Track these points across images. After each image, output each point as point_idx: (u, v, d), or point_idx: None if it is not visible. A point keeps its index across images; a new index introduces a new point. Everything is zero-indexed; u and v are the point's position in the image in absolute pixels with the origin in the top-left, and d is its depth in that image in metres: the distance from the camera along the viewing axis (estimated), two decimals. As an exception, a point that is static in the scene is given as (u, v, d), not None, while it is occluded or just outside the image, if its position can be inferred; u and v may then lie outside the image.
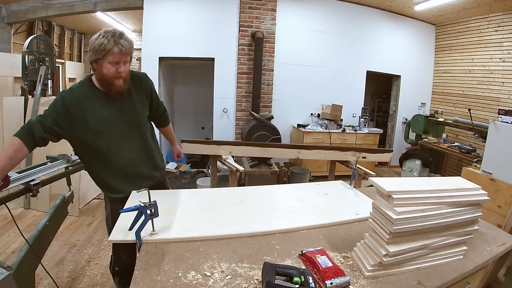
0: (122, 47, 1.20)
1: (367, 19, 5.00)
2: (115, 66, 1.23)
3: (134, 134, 1.40)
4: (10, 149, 1.18)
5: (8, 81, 4.59)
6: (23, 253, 1.18)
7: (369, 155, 2.95)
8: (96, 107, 1.29)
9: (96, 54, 1.21)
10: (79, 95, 1.28)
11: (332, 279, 0.81)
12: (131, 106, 1.38)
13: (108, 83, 1.26)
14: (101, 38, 1.19)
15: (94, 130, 1.28)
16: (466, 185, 0.97)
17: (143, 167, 1.46)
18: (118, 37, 1.20)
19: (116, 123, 1.33)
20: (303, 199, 1.44)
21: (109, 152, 1.33)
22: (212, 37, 4.46)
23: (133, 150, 1.40)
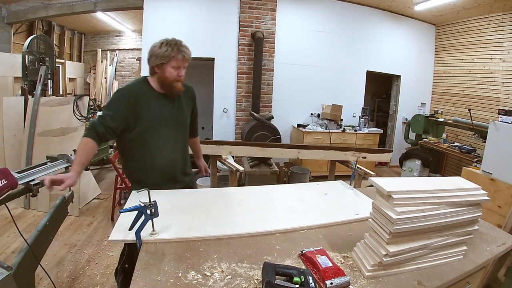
0: (185, 54, 1.40)
1: (367, 19, 4.99)
2: (177, 71, 1.40)
3: (179, 136, 1.54)
4: (87, 147, 1.32)
5: (8, 81, 4.60)
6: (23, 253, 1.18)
7: (369, 155, 2.95)
8: (151, 105, 1.43)
9: (161, 59, 1.38)
10: (136, 91, 1.43)
11: (332, 279, 0.81)
12: (180, 110, 1.53)
13: (169, 85, 1.42)
14: (164, 46, 1.39)
15: (146, 125, 1.41)
16: (466, 185, 0.97)
17: (180, 170, 1.58)
18: (180, 46, 1.40)
19: (166, 122, 1.46)
20: (303, 199, 1.44)
21: (156, 149, 1.45)
22: (212, 37, 4.46)
23: (176, 151, 1.53)
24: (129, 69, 7.22)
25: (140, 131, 1.41)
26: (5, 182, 1.10)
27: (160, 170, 1.49)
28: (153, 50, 1.41)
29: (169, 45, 1.38)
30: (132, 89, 1.44)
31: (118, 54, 7.15)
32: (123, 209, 1.02)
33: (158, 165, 1.48)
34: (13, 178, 1.12)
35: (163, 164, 1.49)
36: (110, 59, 7.12)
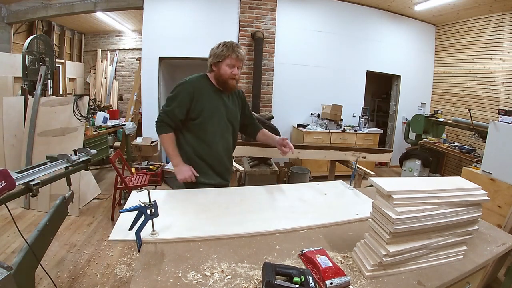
0: (239, 55, 1.52)
1: (367, 19, 4.99)
2: (231, 69, 1.53)
3: (230, 129, 1.67)
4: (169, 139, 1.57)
5: (8, 81, 4.60)
6: (23, 253, 1.18)
7: (369, 155, 2.95)
8: (211, 96, 1.58)
9: (217, 58, 1.54)
10: (201, 82, 1.60)
11: (332, 279, 0.81)
12: (233, 106, 1.68)
13: (224, 81, 1.56)
14: (221, 46, 1.54)
15: (207, 114, 1.55)
16: (466, 185, 0.97)
17: (230, 160, 1.72)
18: (235, 47, 1.52)
19: (223, 114, 1.60)
20: (303, 199, 1.44)
21: (214, 137, 1.59)
22: (212, 37, 4.46)
23: (228, 143, 1.67)
24: (129, 69, 7.21)
25: (200, 122, 1.56)
26: (4, 184, 1.10)
27: (217, 159, 1.62)
28: (212, 50, 1.58)
29: (225, 45, 1.53)
30: (194, 83, 1.59)
31: (118, 54, 7.15)
32: (123, 209, 1.02)
33: (215, 154, 1.61)
34: (12, 179, 1.12)
35: (220, 153, 1.62)
36: (110, 59, 7.12)
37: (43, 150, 3.11)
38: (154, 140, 4.66)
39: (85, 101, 3.40)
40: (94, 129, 3.90)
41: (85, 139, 3.42)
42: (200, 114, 1.55)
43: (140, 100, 4.89)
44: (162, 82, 4.79)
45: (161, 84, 4.72)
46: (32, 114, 3.25)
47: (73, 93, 6.30)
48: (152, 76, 4.54)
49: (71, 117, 3.26)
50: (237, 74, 1.56)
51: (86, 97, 3.45)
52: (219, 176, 1.66)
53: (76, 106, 3.30)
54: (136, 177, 3.29)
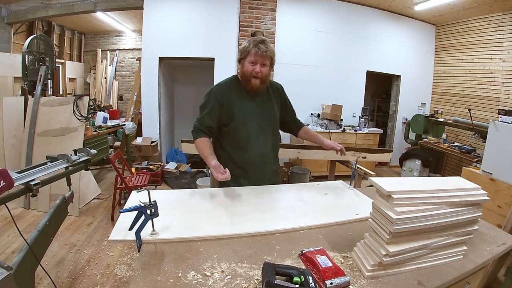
0: (258, 50, 1.40)
1: (367, 19, 4.99)
2: (253, 66, 1.43)
3: (269, 131, 1.60)
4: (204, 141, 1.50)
5: (8, 81, 4.60)
6: (23, 253, 1.18)
7: (369, 155, 2.95)
8: (242, 100, 1.52)
9: (241, 54, 1.47)
10: (227, 88, 1.54)
11: (332, 279, 0.81)
12: (270, 106, 1.59)
13: (246, 79, 1.48)
14: (246, 42, 1.46)
15: (238, 118, 1.50)
16: (466, 185, 0.97)
17: (269, 166, 1.64)
18: (258, 42, 1.42)
19: (256, 117, 1.54)
20: (303, 199, 1.44)
21: (248, 141, 1.53)
22: (212, 37, 4.46)
23: (266, 145, 1.59)
24: (129, 69, 7.21)
25: (232, 127, 1.52)
26: (3, 183, 1.10)
27: (251, 164, 1.57)
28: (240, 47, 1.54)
29: (249, 41, 1.44)
30: (222, 88, 1.54)
31: (118, 54, 7.15)
32: (123, 209, 1.02)
33: (249, 158, 1.56)
34: (11, 179, 1.12)
35: (254, 157, 1.56)
36: (110, 59, 7.12)
37: (43, 150, 3.11)
38: (154, 140, 4.66)
39: (85, 101, 3.40)
40: (94, 129, 3.90)
41: (85, 139, 3.42)
42: (232, 119, 1.50)
43: (140, 100, 4.89)
44: (162, 82, 4.79)
45: (161, 84, 4.72)
46: (32, 114, 3.25)
47: (73, 93, 6.31)
48: (152, 76, 4.54)
49: (71, 117, 3.26)
50: (259, 71, 1.44)
51: (86, 97, 3.45)
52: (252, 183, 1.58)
53: (76, 106, 3.30)
54: (136, 177, 3.30)
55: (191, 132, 1.56)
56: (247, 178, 1.58)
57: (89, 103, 3.49)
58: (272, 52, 1.46)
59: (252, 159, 1.56)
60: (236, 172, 1.56)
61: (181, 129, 6.22)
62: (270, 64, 1.48)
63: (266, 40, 1.45)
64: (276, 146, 1.68)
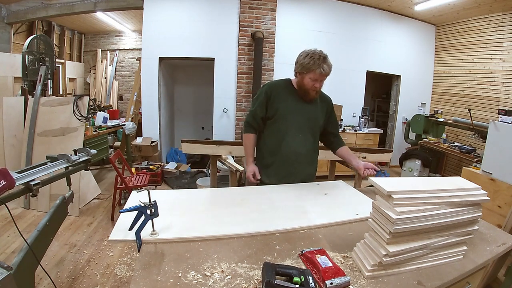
0: (323, 70, 1.50)
1: (367, 19, 4.99)
2: (313, 82, 1.55)
3: (308, 131, 1.67)
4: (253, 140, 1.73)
5: (8, 81, 4.60)
6: (23, 253, 1.18)
7: (369, 155, 2.95)
8: (288, 98, 1.64)
9: (302, 69, 1.55)
10: (279, 85, 1.68)
11: (332, 279, 0.81)
12: (314, 110, 1.68)
13: (305, 92, 1.60)
14: (308, 58, 1.52)
15: (280, 113, 1.62)
16: (466, 185, 0.97)
17: (302, 167, 1.69)
18: (322, 61, 1.50)
19: (298, 115, 1.63)
20: (303, 199, 1.44)
21: (286, 136, 1.62)
22: (212, 37, 4.46)
23: (303, 144, 1.65)
24: (129, 69, 7.21)
25: (274, 120, 1.63)
26: (4, 183, 1.10)
27: (284, 160, 1.64)
28: (299, 57, 1.58)
29: (312, 58, 1.50)
30: (274, 84, 1.69)
31: (118, 54, 7.15)
32: (123, 209, 1.02)
33: (282, 154, 1.63)
34: (12, 178, 1.12)
35: (287, 154, 1.63)
36: (110, 59, 7.12)
37: (43, 150, 3.10)
38: (154, 140, 4.66)
39: (85, 101, 3.40)
40: (94, 129, 3.90)
41: (85, 139, 3.42)
42: (276, 112, 1.62)
43: (140, 100, 4.89)
44: (162, 82, 4.79)
45: (161, 84, 4.72)
46: (32, 114, 3.25)
47: (73, 93, 6.31)
48: (152, 76, 4.54)
49: (71, 117, 3.26)
50: (318, 87, 1.57)
51: (86, 97, 3.45)
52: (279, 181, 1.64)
53: (76, 106, 3.30)
54: (136, 177, 3.30)
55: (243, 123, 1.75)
56: (277, 172, 1.65)
57: (89, 103, 3.49)
58: (331, 68, 1.55)
59: (286, 154, 1.63)
60: (268, 164, 1.69)
61: (181, 129, 6.22)
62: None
63: (327, 57, 1.53)
64: (313, 150, 1.74)
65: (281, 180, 1.65)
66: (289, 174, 1.66)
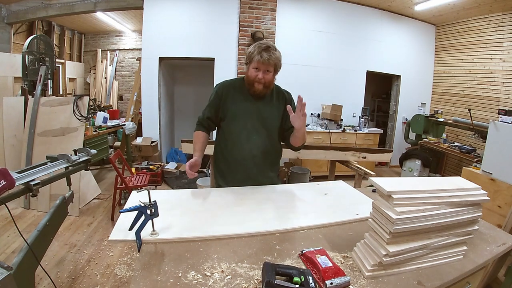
0: (261, 58, 1.43)
1: (367, 19, 5.00)
2: (257, 72, 1.47)
3: (264, 132, 1.57)
4: (198, 136, 1.61)
5: (8, 81, 4.60)
6: (23, 253, 1.18)
7: (369, 155, 2.95)
8: (239, 98, 1.56)
9: (246, 59, 1.51)
10: (232, 84, 1.60)
11: (332, 279, 0.81)
12: (269, 109, 1.59)
13: (250, 84, 1.52)
14: (252, 47, 1.48)
15: (232, 113, 1.55)
16: (466, 185, 0.97)
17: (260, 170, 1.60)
18: (262, 50, 1.43)
19: (251, 116, 1.55)
20: (303, 199, 1.44)
21: (239, 139, 1.55)
22: (212, 37, 4.46)
23: (258, 146, 1.56)
24: (129, 69, 7.22)
25: (226, 122, 1.58)
26: (4, 183, 1.10)
27: (240, 163, 1.57)
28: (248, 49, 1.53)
29: (255, 47, 1.47)
30: (227, 83, 1.62)
31: (118, 54, 7.15)
32: (123, 209, 1.02)
33: (239, 156, 1.56)
34: (12, 178, 1.12)
35: (244, 156, 1.55)
36: (110, 59, 7.12)
37: (43, 150, 3.11)
38: (154, 140, 4.66)
39: (85, 101, 3.40)
40: (94, 129, 3.90)
41: (85, 139, 3.43)
42: (226, 114, 1.57)
43: (140, 100, 4.89)
44: (162, 82, 4.79)
45: (161, 84, 4.72)
46: (32, 114, 3.25)
47: (73, 93, 6.31)
48: (152, 76, 4.54)
49: (71, 117, 3.26)
50: (262, 78, 1.47)
51: (86, 97, 3.45)
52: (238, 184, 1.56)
53: (76, 106, 3.30)
54: (136, 177, 3.30)
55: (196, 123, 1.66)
56: (234, 177, 1.59)
57: (89, 103, 3.49)
58: (276, 59, 1.47)
59: (241, 158, 1.55)
60: (223, 168, 1.64)
61: (181, 129, 6.21)
62: (275, 70, 1.51)
63: (272, 46, 1.46)
64: (272, 152, 1.62)
65: (239, 185, 1.55)
66: (247, 179, 1.57)
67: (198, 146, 1.57)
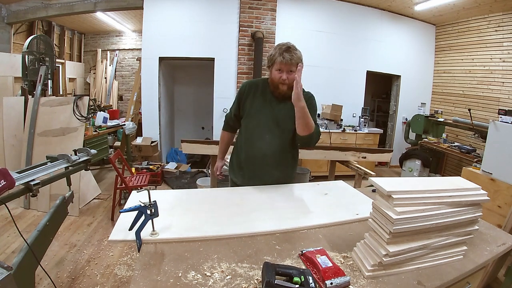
0: (283, 59, 1.44)
1: (367, 19, 4.99)
2: (280, 74, 1.48)
3: (278, 133, 1.57)
4: (226, 138, 1.79)
5: (8, 81, 4.60)
6: (23, 253, 1.18)
7: (369, 155, 2.95)
8: (259, 97, 1.59)
9: (269, 62, 1.52)
10: (256, 83, 1.63)
11: (332, 279, 0.81)
12: (287, 112, 1.54)
13: (275, 86, 1.53)
14: (273, 50, 1.50)
15: (249, 111, 1.60)
16: (466, 185, 0.97)
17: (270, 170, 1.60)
18: (283, 51, 1.45)
19: (268, 116, 1.57)
20: (303, 199, 1.44)
21: (252, 137, 1.60)
22: (212, 37, 4.46)
23: (271, 145, 1.57)
24: (129, 69, 7.22)
25: (244, 119, 1.63)
26: (4, 183, 1.10)
27: (249, 161, 1.61)
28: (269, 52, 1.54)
29: (275, 49, 1.48)
30: (251, 82, 1.65)
31: (118, 54, 7.15)
32: (123, 209, 1.02)
33: (249, 154, 1.60)
34: (12, 178, 1.12)
35: (253, 154, 1.59)
36: (110, 59, 7.12)
37: (43, 150, 3.10)
38: (154, 140, 4.66)
39: (85, 101, 3.40)
40: (94, 129, 3.90)
41: (85, 139, 3.43)
42: (245, 112, 1.61)
43: (140, 100, 4.89)
44: (162, 82, 4.79)
45: (161, 84, 4.72)
46: (32, 114, 3.25)
47: (73, 93, 6.31)
48: (152, 76, 4.54)
49: (71, 117, 3.26)
50: (286, 78, 1.48)
51: (86, 97, 3.45)
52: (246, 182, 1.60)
53: (76, 106, 3.30)
54: (136, 177, 3.30)
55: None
56: (244, 172, 1.64)
57: (89, 103, 3.49)
58: (298, 58, 1.49)
59: (252, 154, 1.59)
60: (237, 162, 1.69)
61: (181, 129, 6.22)
62: None
63: (292, 46, 1.49)
64: (283, 152, 1.60)
65: (248, 182, 1.60)
66: (255, 176, 1.59)
67: (221, 148, 1.76)
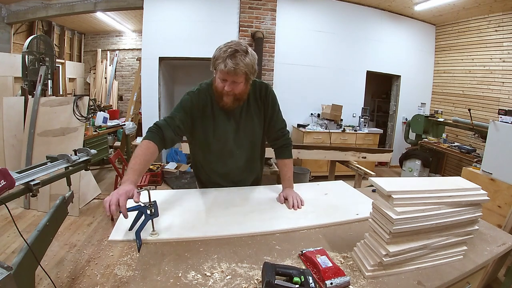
0: (225, 67, 1.13)
1: (367, 19, 5.00)
2: (223, 83, 1.21)
3: (246, 144, 1.43)
4: (148, 152, 1.16)
5: (8, 81, 4.60)
6: (23, 253, 1.17)
7: (369, 155, 2.95)
8: (218, 114, 1.33)
9: (212, 66, 1.21)
10: (205, 97, 1.32)
11: (332, 279, 0.81)
12: (249, 119, 1.38)
13: (218, 96, 1.27)
14: (218, 51, 1.17)
15: (212, 134, 1.35)
16: (466, 185, 0.97)
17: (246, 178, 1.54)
18: (228, 56, 1.13)
19: (233, 133, 1.38)
20: (303, 199, 1.43)
21: (221, 157, 1.41)
22: (212, 37, 4.46)
23: (241, 159, 1.46)
24: (129, 69, 7.21)
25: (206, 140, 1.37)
26: (4, 183, 1.10)
27: (222, 176, 1.50)
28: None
29: (220, 50, 1.16)
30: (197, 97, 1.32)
31: (118, 54, 7.15)
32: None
33: (220, 172, 1.48)
34: (12, 178, 1.12)
35: (225, 172, 1.48)
36: (110, 59, 7.12)
37: (43, 150, 3.11)
38: (154, 140, 4.65)
39: (85, 101, 3.40)
40: (94, 129, 3.90)
41: (85, 139, 3.43)
42: (202, 132, 1.35)
43: (140, 100, 4.89)
44: (162, 82, 4.79)
45: (161, 84, 4.72)
46: (32, 114, 3.25)
47: (73, 93, 6.30)
48: (152, 76, 4.54)
49: (71, 117, 3.26)
50: (230, 90, 1.21)
51: (86, 97, 3.45)
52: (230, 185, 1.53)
53: (76, 106, 3.30)
54: (136, 177, 3.29)
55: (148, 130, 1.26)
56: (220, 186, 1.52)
57: (89, 103, 3.49)
58: (246, 66, 1.16)
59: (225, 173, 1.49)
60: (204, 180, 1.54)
61: (181, 129, 6.20)
62: (246, 79, 1.23)
63: (241, 50, 1.15)
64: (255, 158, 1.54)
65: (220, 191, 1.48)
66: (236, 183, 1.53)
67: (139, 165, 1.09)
